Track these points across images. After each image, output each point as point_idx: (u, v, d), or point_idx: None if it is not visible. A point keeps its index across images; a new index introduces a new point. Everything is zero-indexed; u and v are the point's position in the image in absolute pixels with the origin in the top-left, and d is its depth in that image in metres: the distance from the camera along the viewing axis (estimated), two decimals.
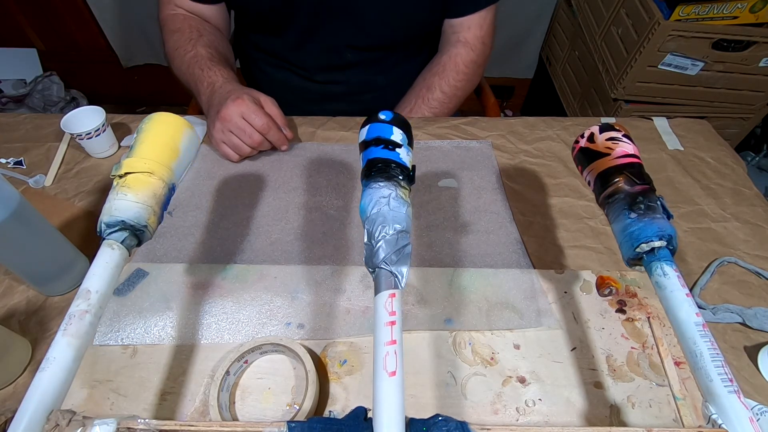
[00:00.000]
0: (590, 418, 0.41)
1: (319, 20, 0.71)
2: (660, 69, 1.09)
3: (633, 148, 0.38)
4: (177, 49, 0.69)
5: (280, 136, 0.63)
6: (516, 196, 0.61)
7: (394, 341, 0.27)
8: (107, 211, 0.33)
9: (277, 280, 0.50)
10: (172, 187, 0.37)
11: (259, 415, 0.41)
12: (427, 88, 0.77)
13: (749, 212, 0.60)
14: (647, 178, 0.36)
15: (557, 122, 0.73)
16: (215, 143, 0.63)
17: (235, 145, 0.61)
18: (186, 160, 0.38)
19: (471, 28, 0.75)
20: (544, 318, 0.47)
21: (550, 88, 1.57)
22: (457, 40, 0.76)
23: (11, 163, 0.64)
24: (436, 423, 0.26)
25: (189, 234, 0.55)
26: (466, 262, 0.53)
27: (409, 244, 0.32)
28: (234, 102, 0.59)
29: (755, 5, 0.99)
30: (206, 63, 0.66)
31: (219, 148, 0.63)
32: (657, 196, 0.36)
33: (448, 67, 0.76)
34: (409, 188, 0.36)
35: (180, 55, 0.69)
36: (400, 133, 0.37)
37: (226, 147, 0.62)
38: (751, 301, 0.50)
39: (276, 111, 0.62)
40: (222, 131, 0.60)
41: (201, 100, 0.66)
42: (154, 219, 0.34)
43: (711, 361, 0.27)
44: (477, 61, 0.78)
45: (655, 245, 0.33)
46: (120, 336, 0.45)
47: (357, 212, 0.58)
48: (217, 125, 0.60)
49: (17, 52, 1.68)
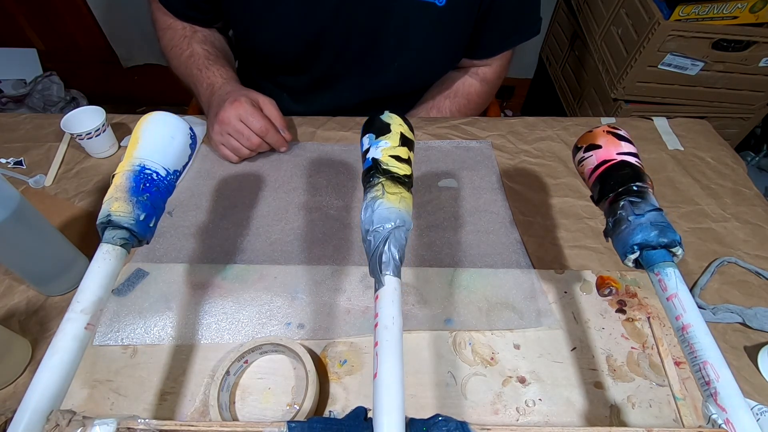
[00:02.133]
0: (590, 418, 0.41)
1: (339, 66, 0.71)
2: (660, 69, 1.09)
3: (633, 149, 0.38)
4: (172, 48, 0.69)
5: (279, 138, 0.62)
6: (516, 196, 0.61)
7: (376, 343, 0.28)
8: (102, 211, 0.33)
9: (277, 280, 0.50)
10: (141, 169, 0.34)
11: (259, 415, 0.41)
12: (438, 109, 0.77)
13: (749, 212, 0.60)
14: (647, 178, 0.36)
15: (557, 122, 0.73)
16: (214, 145, 0.63)
17: (233, 148, 0.61)
18: (159, 142, 0.36)
19: (491, 65, 0.76)
20: (544, 318, 0.47)
21: (550, 88, 1.57)
22: (474, 73, 0.77)
23: (11, 163, 0.64)
24: (436, 423, 0.26)
25: (189, 234, 0.55)
26: (466, 262, 0.53)
27: (395, 247, 0.32)
28: (232, 105, 0.59)
29: (755, 5, 0.99)
30: (203, 62, 0.65)
31: (218, 149, 0.63)
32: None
33: (460, 94, 0.77)
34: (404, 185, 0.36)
35: (176, 54, 0.68)
36: None
37: (225, 149, 0.62)
38: (751, 301, 0.50)
39: (275, 113, 0.62)
40: (221, 134, 0.61)
41: (201, 100, 0.66)
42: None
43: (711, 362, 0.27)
44: (490, 93, 0.79)
45: (655, 245, 0.33)
46: (120, 336, 0.45)
47: (357, 212, 0.58)
48: (216, 128, 0.61)
49: (17, 52, 1.68)
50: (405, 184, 0.35)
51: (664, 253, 0.32)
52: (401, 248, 0.32)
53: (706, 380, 0.27)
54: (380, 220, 0.33)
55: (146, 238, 0.34)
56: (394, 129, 0.38)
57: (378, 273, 0.31)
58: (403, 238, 0.33)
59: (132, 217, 0.32)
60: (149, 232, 0.34)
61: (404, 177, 0.36)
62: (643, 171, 0.37)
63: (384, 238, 0.32)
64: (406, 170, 0.36)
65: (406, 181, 0.36)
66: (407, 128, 0.38)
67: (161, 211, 0.35)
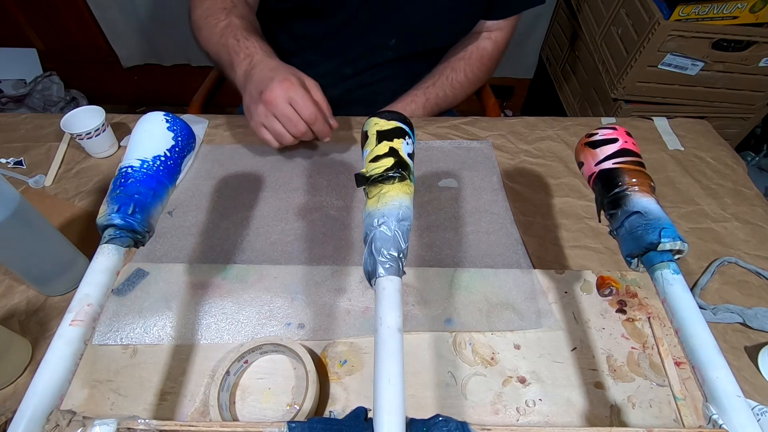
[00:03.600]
0: (590, 419, 0.41)
1: (366, 11, 0.70)
2: (660, 69, 1.09)
3: (611, 149, 0.38)
4: (207, 18, 0.63)
5: (326, 128, 0.57)
6: (516, 196, 0.61)
7: (376, 343, 0.28)
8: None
9: (277, 280, 0.50)
10: (119, 171, 0.35)
11: (259, 416, 0.41)
12: (452, 68, 0.78)
13: (749, 212, 0.60)
14: (648, 178, 0.36)
15: (557, 122, 0.73)
16: (255, 126, 0.57)
17: (277, 133, 0.55)
18: (134, 141, 0.37)
19: (503, 28, 0.79)
20: (545, 318, 0.47)
21: (550, 88, 1.57)
22: (486, 37, 0.79)
23: (11, 163, 0.64)
24: (436, 423, 0.26)
25: (189, 234, 0.55)
26: (467, 263, 0.53)
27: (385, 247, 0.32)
28: (281, 84, 0.53)
29: (755, 5, 0.99)
30: (242, 33, 0.60)
31: (259, 132, 0.56)
32: None
33: (474, 56, 0.79)
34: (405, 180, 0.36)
35: (210, 24, 0.63)
36: None
37: (267, 133, 0.56)
38: (751, 301, 0.50)
39: (322, 98, 0.56)
40: (265, 116, 0.54)
41: (235, 72, 0.60)
42: None
43: (712, 362, 0.27)
44: (498, 58, 0.82)
45: (656, 245, 0.33)
46: (120, 336, 0.45)
47: (357, 213, 0.58)
48: (260, 109, 0.54)
49: (17, 52, 1.68)
50: (388, 178, 0.35)
51: (664, 253, 0.32)
52: (392, 246, 0.31)
53: (706, 380, 0.27)
54: (366, 225, 0.34)
55: (131, 226, 0.33)
56: (371, 132, 0.37)
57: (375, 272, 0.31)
58: (389, 232, 0.32)
59: (107, 213, 0.33)
60: (132, 219, 0.33)
61: (385, 172, 0.35)
62: (621, 172, 0.36)
63: (371, 239, 0.32)
64: (387, 162, 0.35)
65: (390, 175, 0.35)
66: (384, 121, 0.38)
67: (145, 197, 0.34)
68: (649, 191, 0.35)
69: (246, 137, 0.68)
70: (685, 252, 0.33)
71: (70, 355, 0.27)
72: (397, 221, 0.33)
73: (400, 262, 0.31)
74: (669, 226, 0.33)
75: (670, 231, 0.32)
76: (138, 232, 0.33)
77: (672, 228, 0.33)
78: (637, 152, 0.38)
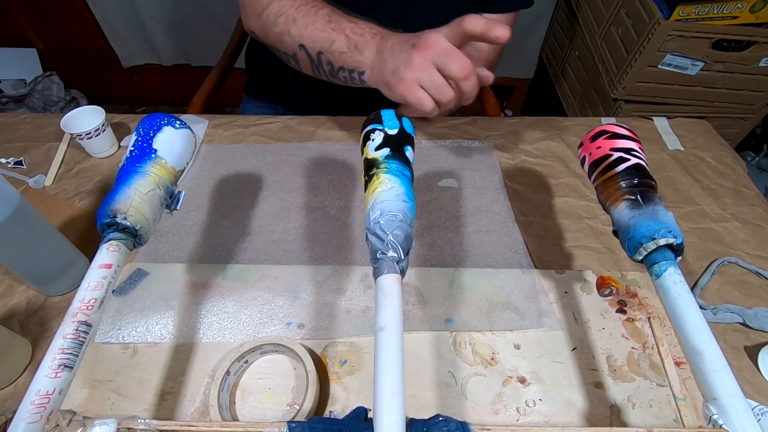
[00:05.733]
0: (591, 419, 0.41)
1: (372, 6, 0.68)
2: (660, 69, 1.09)
3: (638, 147, 0.38)
4: (301, 6, 0.58)
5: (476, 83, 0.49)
6: (516, 196, 0.61)
7: (376, 343, 0.28)
8: None
9: (277, 279, 0.50)
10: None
11: (260, 416, 0.41)
12: None
13: (749, 212, 0.60)
14: (650, 176, 0.36)
15: (557, 122, 0.73)
16: (406, 88, 0.48)
17: (437, 86, 0.47)
18: None
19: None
20: (545, 318, 0.47)
21: (550, 88, 1.57)
22: None
23: (11, 163, 0.64)
24: (436, 423, 0.26)
25: (190, 234, 0.55)
26: (467, 262, 0.53)
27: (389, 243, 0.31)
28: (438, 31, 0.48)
29: (755, 5, 0.99)
30: (354, 16, 0.56)
31: (411, 93, 0.48)
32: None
33: (473, 58, 0.77)
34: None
35: (308, 11, 0.57)
36: None
37: (421, 91, 0.48)
38: (751, 301, 0.50)
39: None
40: (422, 67, 0.47)
41: (361, 52, 0.53)
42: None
43: (712, 362, 0.27)
44: (495, 60, 0.80)
45: (659, 243, 0.33)
46: (121, 334, 0.45)
47: (358, 212, 0.58)
48: (416, 60, 0.47)
49: (17, 52, 1.68)
50: (376, 164, 0.35)
51: (667, 252, 0.32)
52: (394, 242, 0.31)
53: (706, 381, 0.27)
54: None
55: (119, 209, 0.32)
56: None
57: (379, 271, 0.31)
58: (384, 226, 0.32)
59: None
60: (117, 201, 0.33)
61: (373, 160, 0.36)
62: (646, 168, 0.37)
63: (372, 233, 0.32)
64: (366, 154, 0.37)
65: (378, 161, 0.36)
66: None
67: (129, 176, 0.34)
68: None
69: (246, 137, 0.68)
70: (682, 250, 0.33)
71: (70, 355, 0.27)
72: (391, 212, 0.33)
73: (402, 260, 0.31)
74: (668, 224, 0.33)
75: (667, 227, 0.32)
76: (138, 231, 0.33)
77: (664, 226, 0.33)
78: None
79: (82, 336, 0.27)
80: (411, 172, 0.37)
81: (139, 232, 0.33)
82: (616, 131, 0.39)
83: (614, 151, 0.38)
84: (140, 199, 0.33)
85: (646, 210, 0.34)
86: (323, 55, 0.57)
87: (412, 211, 0.34)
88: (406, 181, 0.35)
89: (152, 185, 0.35)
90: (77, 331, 0.27)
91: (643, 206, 0.34)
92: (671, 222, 0.33)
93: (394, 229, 0.31)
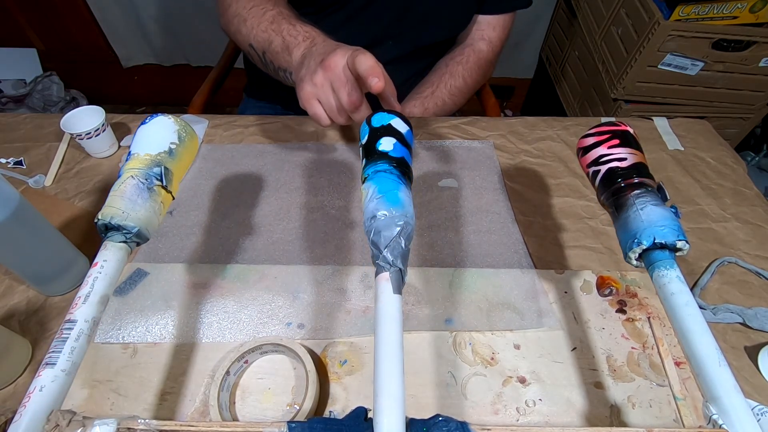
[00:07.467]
0: (590, 419, 0.41)
1: (368, 5, 0.70)
2: (660, 69, 1.09)
3: (638, 145, 0.38)
4: (253, 8, 0.62)
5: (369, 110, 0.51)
6: (516, 196, 0.61)
7: (376, 343, 0.28)
8: None
9: (277, 280, 0.50)
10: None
11: (260, 416, 0.41)
12: (450, 74, 0.78)
13: (749, 212, 0.60)
14: (650, 175, 0.36)
15: (557, 122, 0.73)
16: (306, 100, 0.51)
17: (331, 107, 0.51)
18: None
19: (496, 28, 0.79)
20: (545, 318, 0.47)
21: (550, 88, 1.57)
22: (480, 37, 0.79)
23: (11, 163, 0.64)
24: (436, 423, 0.26)
25: (190, 234, 0.55)
26: (467, 262, 0.53)
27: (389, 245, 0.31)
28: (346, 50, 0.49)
29: (755, 5, 0.99)
30: (296, 19, 0.59)
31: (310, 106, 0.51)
32: (658, 182, 0.36)
33: (472, 60, 0.79)
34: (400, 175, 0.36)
35: (257, 13, 0.61)
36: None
37: (318, 107, 0.51)
38: (751, 301, 0.50)
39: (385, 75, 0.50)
40: (321, 84, 0.50)
41: (291, 54, 0.56)
42: None
43: (712, 362, 0.27)
44: (493, 60, 0.81)
45: (637, 253, 0.33)
46: (121, 334, 0.45)
47: (358, 212, 0.58)
48: (317, 77, 0.50)
49: (17, 52, 1.68)
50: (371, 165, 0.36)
51: (664, 252, 0.32)
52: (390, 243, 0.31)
53: (706, 380, 0.27)
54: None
55: (103, 212, 0.33)
56: None
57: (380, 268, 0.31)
58: (379, 227, 0.32)
59: None
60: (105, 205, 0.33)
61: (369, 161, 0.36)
62: (646, 168, 0.37)
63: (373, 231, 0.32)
64: (364, 154, 0.37)
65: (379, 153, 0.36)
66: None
67: None
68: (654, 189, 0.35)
69: (246, 137, 0.68)
70: (685, 251, 0.33)
71: (70, 354, 0.27)
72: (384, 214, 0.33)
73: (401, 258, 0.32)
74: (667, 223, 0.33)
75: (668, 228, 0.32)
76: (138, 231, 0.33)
77: (635, 232, 0.33)
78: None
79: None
80: (408, 171, 0.37)
81: (126, 228, 0.33)
82: (585, 144, 0.39)
83: (589, 168, 0.39)
84: (116, 196, 0.34)
85: (620, 220, 0.35)
86: (266, 55, 0.61)
87: (408, 211, 0.33)
88: (400, 181, 0.35)
89: (125, 178, 0.35)
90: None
91: (618, 218, 0.35)
92: (647, 224, 0.33)
93: (388, 230, 0.32)
